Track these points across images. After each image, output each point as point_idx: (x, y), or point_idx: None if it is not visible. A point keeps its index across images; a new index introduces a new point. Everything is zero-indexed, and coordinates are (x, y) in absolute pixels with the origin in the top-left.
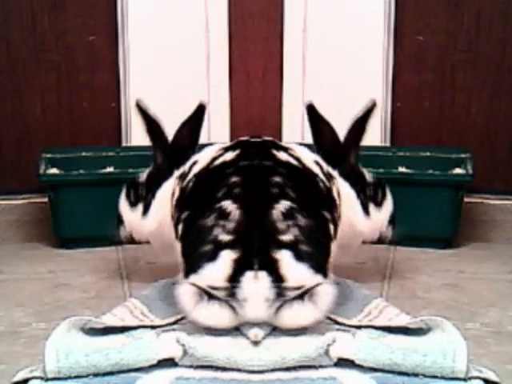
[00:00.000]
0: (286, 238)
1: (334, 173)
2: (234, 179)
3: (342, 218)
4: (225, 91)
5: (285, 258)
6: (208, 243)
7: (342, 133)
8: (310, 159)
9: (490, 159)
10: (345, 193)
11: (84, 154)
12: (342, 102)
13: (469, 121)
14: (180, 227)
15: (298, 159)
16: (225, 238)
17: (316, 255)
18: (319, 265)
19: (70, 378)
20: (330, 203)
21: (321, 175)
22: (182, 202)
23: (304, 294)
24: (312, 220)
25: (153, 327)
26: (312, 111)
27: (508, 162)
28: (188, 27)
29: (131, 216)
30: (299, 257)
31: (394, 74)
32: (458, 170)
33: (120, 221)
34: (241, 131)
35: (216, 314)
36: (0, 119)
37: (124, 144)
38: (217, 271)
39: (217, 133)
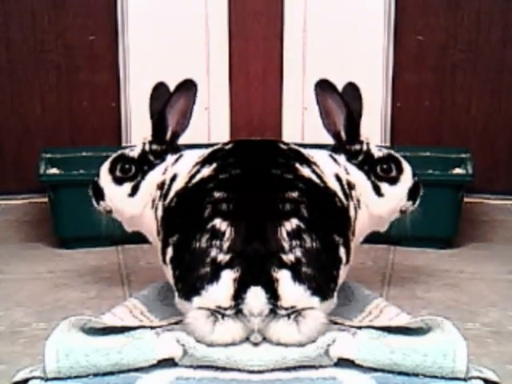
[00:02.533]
0: (289, 258)
1: (349, 166)
2: (218, 194)
3: (361, 211)
4: (225, 91)
5: (284, 277)
6: (206, 265)
7: None
8: (331, 173)
9: (490, 159)
10: (357, 181)
11: (84, 153)
12: None
13: (469, 121)
14: (169, 250)
15: (319, 176)
16: (222, 258)
17: (317, 278)
18: (319, 288)
19: (69, 378)
20: (343, 225)
21: (339, 193)
22: (168, 224)
23: (292, 313)
24: (320, 243)
25: (152, 327)
26: (325, 86)
27: (508, 162)
28: (188, 27)
29: (115, 193)
30: (298, 278)
31: (394, 74)
32: (458, 170)
33: (100, 194)
34: (241, 131)
35: (232, 330)
36: (0, 119)
37: (124, 144)
38: (221, 292)
39: (217, 133)
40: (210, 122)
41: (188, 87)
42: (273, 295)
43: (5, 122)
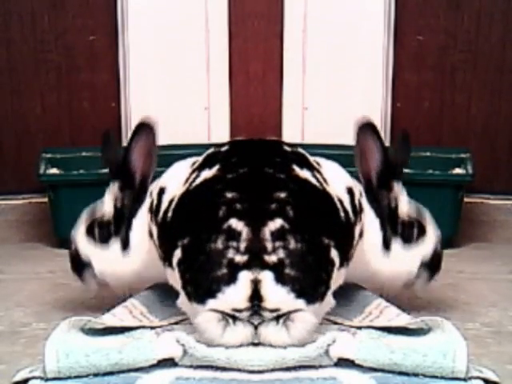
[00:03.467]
0: (271, 258)
1: (364, 201)
2: (230, 195)
3: (355, 253)
4: (225, 91)
5: (266, 278)
6: (223, 266)
7: (342, 133)
8: (343, 185)
9: (490, 159)
10: (367, 222)
11: (84, 153)
12: (342, 102)
13: (469, 121)
14: (177, 253)
15: (320, 180)
16: (240, 259)
17: (302, 280)
18: (304, 290)
19: (69, 378)
20: (338, 227)
21: (346, 205)
22: (174, 227)
23: (280, 317)
24: (305, 244)
25: (152, 328)
26: (368, 127)
27: (508, 162)
28: (188, 27)
29: (104, 256)
30: (281, 280)
31: (394, 74)
32: (458, 170)
33: (84, 264)
34: (241, 131)
35: (242, 334)
36: (0, 119)
37: (124, 144)
38: (238, 293)
39: (217, 133)
40: (210, 122)
41: (145, 128)
42: (256, 296)
43: (5, 122)
